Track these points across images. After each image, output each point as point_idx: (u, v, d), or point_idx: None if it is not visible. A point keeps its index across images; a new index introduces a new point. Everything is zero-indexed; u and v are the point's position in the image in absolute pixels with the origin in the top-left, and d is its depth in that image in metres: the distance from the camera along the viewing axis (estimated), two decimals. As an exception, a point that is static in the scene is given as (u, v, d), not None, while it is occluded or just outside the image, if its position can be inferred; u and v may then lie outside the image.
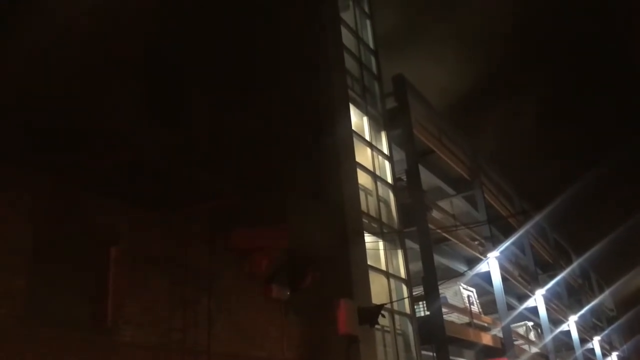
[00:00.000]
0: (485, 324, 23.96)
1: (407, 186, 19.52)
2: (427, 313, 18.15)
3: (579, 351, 35.50)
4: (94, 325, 7.71)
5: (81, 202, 7.99)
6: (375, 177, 17.40)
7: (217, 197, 10.27)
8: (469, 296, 23.55)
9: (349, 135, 15.99)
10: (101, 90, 8.66)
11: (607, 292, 47.72)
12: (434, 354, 17.60)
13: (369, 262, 14.93)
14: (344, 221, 14.11)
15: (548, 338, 30.14)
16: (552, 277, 33.68)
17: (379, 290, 15.29)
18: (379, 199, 17.25)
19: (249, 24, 12.74)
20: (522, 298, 29.47)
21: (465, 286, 23.78)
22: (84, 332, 7.57)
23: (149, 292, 8.61)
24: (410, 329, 16.49)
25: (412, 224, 18.45)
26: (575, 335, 35.83)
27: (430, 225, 19.62)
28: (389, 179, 18.22)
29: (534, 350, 29.19)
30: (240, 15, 12.53)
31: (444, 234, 21.00)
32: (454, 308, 21.70)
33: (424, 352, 16.92)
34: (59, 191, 7.74)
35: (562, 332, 34.41)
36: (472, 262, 24.52)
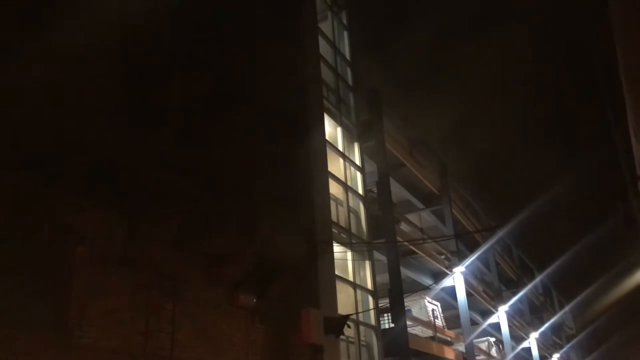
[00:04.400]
0: (449, 338, 24.15)
1: (377, 198, 19.62)
2: (392, 325, 18.20)
3: (538, 368, 36.04)
4: (55, 326, 7.53)
5: (46, 200, 7.82)
6: (346, 187, 17.47)
7: (187, 201, 10.19)
8: (433, 310, 23.70)
9: (323, 145, 16.04)
10: (73, 88, 8.54)
11: (567, 310, 48.59)
12: (397, 367, 17.63)
13: (336, 272, 14.93)
14: (314, 230, 14.12)
15: (510, 355, 30.52)
16: (515, 294, 34.13)
17: (345, 301, 15.30)
18: (349, 209, 17.32)
19: (226, 31, 12.71)
20: (486, 314, 29.79)
21: (430, 300, 23.94)
22: (45, 333, 7.39)
23: (113, 295, 8.45)
24: (374, 341, 16.52)
25: (380, 236, 18.52)
26: (535, 352, 36.36)
27: (399, 238, 19.73)
28: (360, 190, 18.31)
29: (495, 365, 29.51)
30: (218, 22, 12.50)
31: (412, 247, 21.13)
32: (418, 321, 21.81)
33: (387, 364, 16.96)
34: (24, 188, 7.57)
35: (523, 349, 34.88)
36: (438, 276, 24.72)
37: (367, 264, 17.39)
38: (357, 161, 18.68)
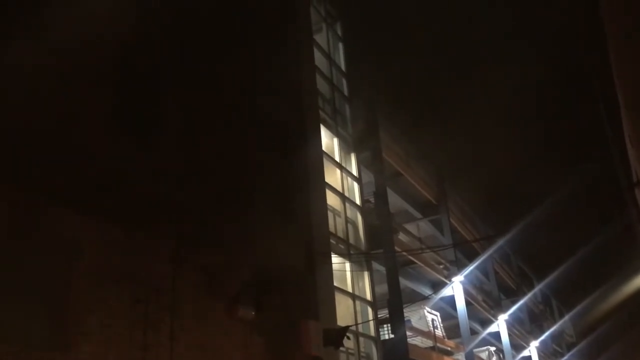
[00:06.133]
0: (449, 348, 24.06)
1: (375, 208, 19.61)
2: (392, 336, 18.12)
3: (539, 377, 35.88)
4: (52, 341, 7.47)
5: (43, 213, 7.78)
6: (344, 198, 17.45)
7: (184, 213, 10.16)
8: (433, 320, 23.64)
9: (319, 156, 16.05)
10: (70, 101, 8.53)
11: (567, 319, 48.45)
12: (398, 378, 17.52)
13: (335, 284, 14.88)
14: (312, 241, 14.08)
15: (510, 363, 30.41)
16: (514, 303, 34.08)
17: (344, 312, 15.24)
18: (347, 220, 17.29)
19: (222, 42, 12.75)
20: (485, 323, 29.71)
21: (429, 310, 23.87)
22: (42, 348, 7.32)
23: (111, 309, 8.39)
24: (374, 352, 16.44)
25: (379, 246, 18.49)
26: (536, 360, 36.26)
27: (397, 248, 19.71)
28: (358, 201, 18.30)
29: (496, 375, 29.38)
30: (214, 34, 12.54)
31: (410, 257, 21.10)
32: (418, 331, 21.74)
33: (387, 376, 16.85)
34: (22, 202, 7.53)
35: (523, 358, 34.75)
36: (437, 285, 24.68)
37: (366, 275, 17.34)
38: (354, 171, 18.69)
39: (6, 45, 7.63)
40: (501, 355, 31.16)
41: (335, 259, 15.45)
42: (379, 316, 17.41)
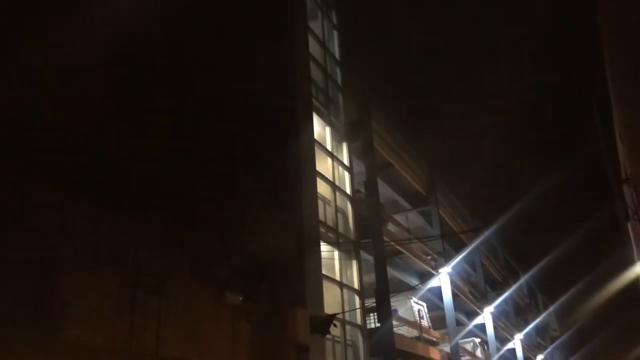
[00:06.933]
0: (434, 339, 24.24)
1: (365, 198, 19.64)
2: (378, 325, 18.23)
3: (522, 369, 36.31)
4: (38, 323, 7.45)
5: (32, 197, 7.72)
6: (334, 187, 17.46)
7: (173, 198, 10.13)
8: (419, 310, 23.79)
9: (311, 144, 16.02)
10: (60, 84, 8.45)
11: (551, 312, 48.97)
12: (383, 366, 17.66)
13: (323, 272, 14.92)
14: (301, 229, 14.08)
15: (495, 356, 30.71)
16: (500, 295, 34.37)
17: (331, 300, 15.30)
18: (336, 209, 17.31)
19: (215, 28, 12.66)
20: (471, 315, 29.96)
21: (416, 300, 24.02)
22: (27, 331, 7.29)
23: (97, 292, 8.36)
24: (360, 340, 16.53)
25: (367, 236, 18.54)
26: (519, 353, 36.63)
27: (385, 238, 19.77)
28: (348, 190, 18.32)
29: (480, 366, 29.68)
30: (208, 20, 12.45)
31: (399, 247, 21.19)
32: (404, 321, 21.88)
33: (372, 364, 16.97)
34: (9, 184, 7.46)
35: (507, 350, 35.13)
36: (424, 276, 24.83)
37: (354, 264, 17.40)
38: (346, 161, 18.69)
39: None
40: (486, 347, 31.47)
41: (324, 248, 15.48)
42: (366, 305, 17.49)
